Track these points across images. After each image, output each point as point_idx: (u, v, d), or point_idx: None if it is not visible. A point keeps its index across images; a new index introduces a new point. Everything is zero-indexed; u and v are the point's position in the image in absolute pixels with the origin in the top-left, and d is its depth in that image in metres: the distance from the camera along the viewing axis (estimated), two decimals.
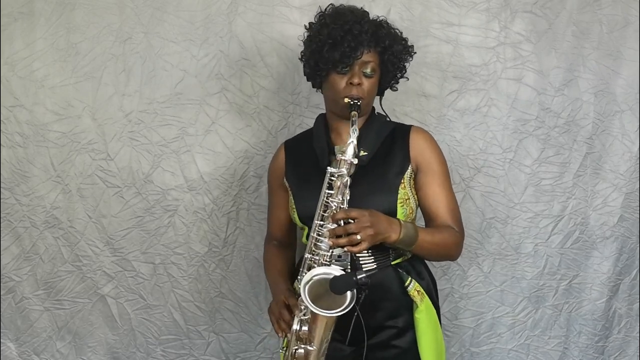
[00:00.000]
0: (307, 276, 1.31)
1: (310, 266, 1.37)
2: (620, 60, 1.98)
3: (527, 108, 1.97)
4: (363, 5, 1.55)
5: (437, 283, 1.61)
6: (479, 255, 2.03)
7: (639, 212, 2.03)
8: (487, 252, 2.03)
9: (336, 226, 1.30)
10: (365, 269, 1.41)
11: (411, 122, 1.81)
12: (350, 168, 1.34)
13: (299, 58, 1.55)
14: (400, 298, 1.47)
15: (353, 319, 1.35)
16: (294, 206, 1.53)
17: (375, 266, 1.45)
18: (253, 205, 1.99)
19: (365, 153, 1.45)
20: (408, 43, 1.51)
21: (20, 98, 1.94)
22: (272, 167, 1.65)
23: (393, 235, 1.33)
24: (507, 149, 1.99)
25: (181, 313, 2.04)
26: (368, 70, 1.43)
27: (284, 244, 1.70)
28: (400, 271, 1.47)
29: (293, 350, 1.38)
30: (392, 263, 1.48)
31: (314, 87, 1.58)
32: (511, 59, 1.96)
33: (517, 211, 2.01)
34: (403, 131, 1.53)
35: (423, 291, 1.48)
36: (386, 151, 1.49)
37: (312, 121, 1.63)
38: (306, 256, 1.38)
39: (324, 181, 1.36)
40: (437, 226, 1.47)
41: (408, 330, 1.48)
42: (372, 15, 1.50)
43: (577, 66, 1.97)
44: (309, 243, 1.38)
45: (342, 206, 1.34)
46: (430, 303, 1.49)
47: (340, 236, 1.29)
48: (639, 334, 2.10)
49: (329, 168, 1.36)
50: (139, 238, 2.00)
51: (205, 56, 1.94)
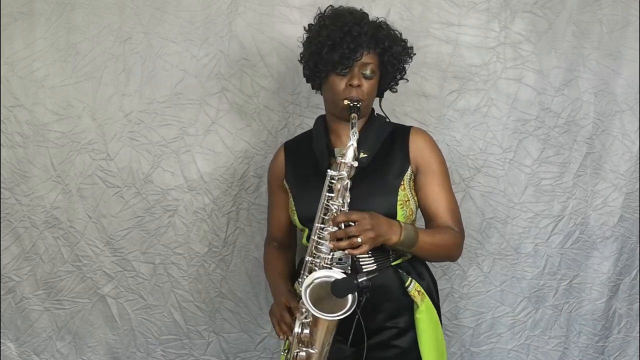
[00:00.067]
0: (309, 279, 1.31)
1: (311, 269, 1.37)
2: (620, 60, 1.98)
3: (527, 108, 1.97)
4: (363, 5, 1.55)
5: (437, 283, 1.61)
6: (479, 255, 2.03)
7: (639, 212, 2.03)
8: (487, 252, 2.03)
9: (337, 229, 1.30)
10: (366, 272, 1.40)
11: (411, 123, 1.81)
12: (350, 171, 1.34)
13: (299, 60, 1.54)
14: (400, 298, 1.47)
15: (354, 321, 1.35)
16: (294, 208, 1.53)
17: (375, 267, 1.45)
18: (253, 205, 1.99)
19: (365, 155, 1.45)
20: (408, 44, 1.50)
21: (20, 98, 1.94)
22: (272, 169, 1.65)
23: (394, 237, 1.33)
24: (507, 149, 1.98)
25: (181, 313, 2.04)
26: (368, 71, 1.42)
27: (284, 245, 1.70)
28: (400, 272, 1.47)
29: (295, 353, 1.38)
30: (392, 264, 1.48)
31: (314, 89, 1.58)
32: (511, 59, 1.96)
33: (517, 211, 2.01)
34: (403, 132, 1.53)
35: (423, 291, 1.48)
36: (386, 152, 1.49)
37: (312, 121, 1.63)
38: (307, 259, 1.38)
39: (324, 184, 1.36)
40: (437, 227, 1.47)
41: (409, 330, 1.48)
42: (372, 15, 1.49)
43: (577, 66, 1.97)
44: (310, 246, 1.38)
45: (343, 209, 1.34)
46: (430, 303, 1.49)
47: (341, 239, 1.28)
48: (639, 334, 2.10)
49: (329, 171, 1.35)
50: (139, 238, 2.00)
51: (205, 56, 1.94)
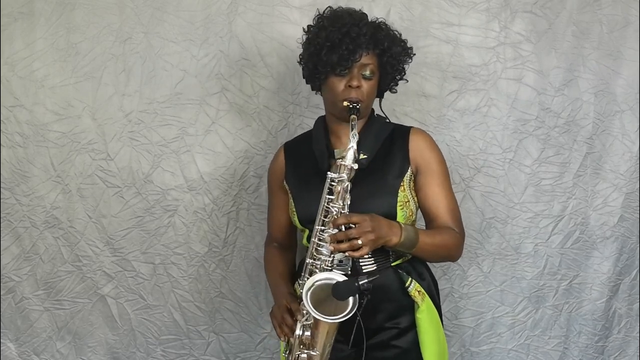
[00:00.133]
0: (309, 282, 1.31)
1: (311, 271, 1.37)
2: (620, 60, 1.98)
3: (527, 108, 1.97)
4: (362, 6, 1.55)
5: (437, 283, 1.61)
6: (479, 255, 2.03)
7: (639, 212, 2.03)
8: (487, 252, 2.03)
9: (337, 231, 1.30)
10: (367, 274, 1.40)
11: (411, 123, 1.81)
12: (350, 173, 1.34)
13: (298, 61, 1.54)
14: (401, 299, 1.47)
15: (355, 323, 1.35)
16: (294, 209, 1.53)
17: (375, 268, 1.45)
18: (253, 205, 1.99)
19: (365, 156, 1.45)
20: (407, 44, 1.50)
21: (20, 98, 1.94)
22: (272, 169, 1.65)
23: (394, 238, 1.32)
24: (507, 149, 1.98)
25: (181, 313, 2.04)
26: (367, 72, 1.42)
27: (285, 246, 1.70)
28: (400, 272, 1.47)
29: (296, 354, 1.38)
30: (393, 264, 1.48)
31: (313, 90, 1.58)
32: (511, 59, 1.96)
33: (517, 211, 2.01)
34: (402, 132, 1.52)
35: (424, 291, 1.48)
36: (385, 153, 1.49)
37: (312, 121, 1.63)
38: (307, 261, 1.38)
39: (325, 186, 1.36)
40: (438, 227, 1.46)
41: (409, 330, 1.48)
42: (372, 16, 1.49)
43: (577, 66, 1.97)
44: (310, 248, 1.38)
45: (343, 211, 1.34)
46: (431, 303, 1.49)
47: (341, 241, 1.28)
48: (639, 334, 2.10)
49: (329, 173, 1.35)
50: (139, 238, 2.00)
51: (205, 56, 1.94)
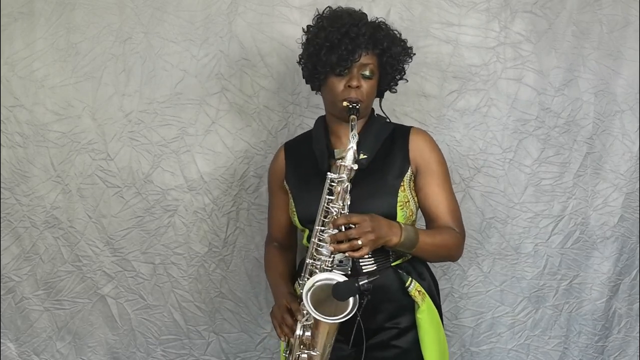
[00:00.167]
0: (309, 282, 1.31)
1: (311, 271, 1.37)
2: (620, 60, 1.98)
3: (527, 108, 1.97)
4: (362, 6, 1.55)
5: (438, 283, 1.60)
6: (479, 255, 2.03)
7: (639, 212, 2.03)
8: (487, 252, 2.03)
9: (337, 232, 1.30)
10: (367, 274, 1.40)
11: (411, 123, 1.81)
12: (350, 174, 1.34)
13: (297, 62, 1.54)
14: (401, 299, 1.47)
15: (355, 324, 1.35)
16: (294, 209, 1.53)
17: (375, 268, 1.45)
18: (253, 205, 1.99)
19: (365, 156, 1.44)
20: (407, 44, 1.50)
21: (20, 98, 1.94)
22: (272, 169, 1.65)
23: (394, 238, 1.32)
24: (507, 149, 1.98)
25: (181, 313, 2.04)
26: (367, 72, 1.42)
27: (285, 246, 1.70)
28: (400, 272, 1.47)
29: (297, 355, 1.38)
30: (393, 264, 1.47)
31: (313, 90, 1.58)
32: (511, 59, 1.96)
33: (517, 211, 2.01)
34: (402, 132, 1.52)
35: (424, 291, 1.48)
36: (386, 153, 1.49)
37: (312, 121, 1.62)
38: (307, 261, 1.38)
39: (324, 187, 1.36)
40: (438, 227, 1.46)
41: (410, 330, 1.48)
42: (372, 16, 1.49)
43: (577, 66, 1.97)
44: (310, 248, 1.38)
45: (343, 212, 1.34)
46: (431, 303, 1.48)
47: (341, 242, 1.28)
48: (639, 334, 2.10)
49: (329, 174, 1.35)
50: (139, 238, 2.00)
51: (205, 56, 1.94)
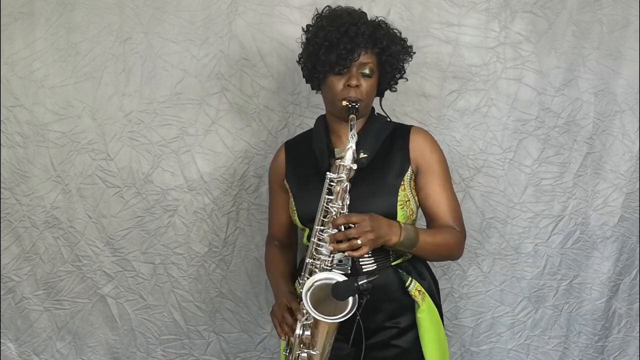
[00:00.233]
0: (309, 282, 1.31)
1: (311, 271, 1.37)
2: (620, 60, 1.98)
3: (527, 108, 1.97)
4: (362, 5, 1.55)
5: (438, 282, 1.60)
6: (479, 255, 2.03)
7: (639, 212, 2.03)
8: (487, 252, 2.03)
9: (337, 231, 1.30)
10: (366, 274, 1.40)
11: (411, 122, 1.80)
12: (349, 173, 1.33)
13: (297, 61, 1.54)
14: (401, 298, 1.47)
15: (355, 323, 1.35)
16: (295, 208, 1.53)
17: (375, 267, 1.45)
18: (253, 205, 1.99)
19: (365, 155, 1.44)
20: (407, 43, 1.50)
21: (20, 98, 1.94)
22: (273, 168, 1.65)
23: (393, 238, 1.32)
24: (507, 149, 1.98)
25: (181, 313, 2.04)
26: (366, 70, 1.42)
27: (285, 245, 1.70)
28: (400, 272, 1.47)
29: (297, 354, 1.38)
30: (393, 264, 1.47)
31: (313, 89, 1.58)
32: (511, 59, 1.96)
33: (517, 211, 2.01)
34: (403, 131, 1.52)
35: (424, 291, 1.48)
36: (386, 152, 1.49)
37: (312, 121, 1.62)
38: (307, 261, 1.38)
39: (324, 187, 1.36)
40: (438, 227, 1.46)
41: (410, 330, 1.48)
42: (372, 15, 1.49)
43: (577, 66, 1.97)
44: (310, 248, 1.38)
45: (342, 211, 1.34)
46: (431, 303, 1.48)
47: (341, 241, 1.28)
48: (639, 334, 2.10)
49: (328, 174, 1.35)
50: (139, 238, 2.00)
51: (205, 56, 1.94)
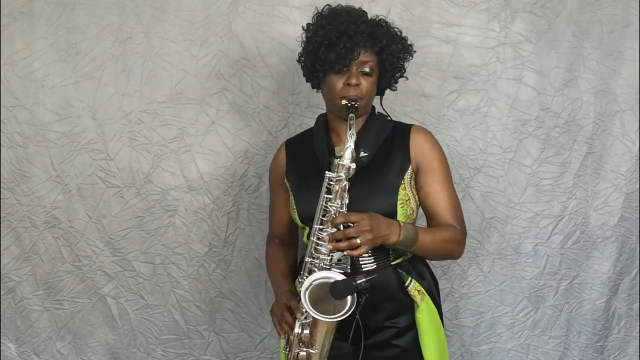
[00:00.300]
0: (307, 281, 1.31)
1: (310, 269, 1.36)
2: (620, 60, 1.98)
3: (527, 108, 1.97)
4: (362, 5, 1.55)
5: (438, 282, 1.60)
6: (479, 255, 2.03)
7: (639, 212, 2.03)
8: (487, 252, 2.03)
9: (335, 230, 1.30)
10: (365, 273, 1.40)
11: (411, 123, 1.81)
12: (348, 172, 1.33)
13: (297, 60, 1.54)
14: (400, 298, 1.47)
15: (354, 322, 1.35)
16: (295, 207, 1.52)
17: (375, 266, 1.45)
18: (253, 205, 1.99)
19: (365, 154, 1.45)
20: (407, 42, 1.50)
21: (20, 98, 1.94)
22: (273, 167, 1.65)
23: (393, 237, 1.32)
24: (507, 149, 1.98)
25: (181, 313, 2.04)
26: (366, 69, 1.42)
27: (286, 243, 1.69)
28: (400, 271, 1.47)
29: (296, 352, 1.38)
30: (392, 263, 1.47)
31: (313, 88, 1.58)
32: (511, 59, 1.96)
33: (517, 211, 2.01)
34: (403, 130, 1.52)
35: (424, 291, 1.48)
36: (386, 151, 1.49)
37: (312, 121, 1.62)
38: (306, 260, 1.38)
39: (323, 186, 1.36)
40: (438, 225, 1.46)
41: (409, 330, 1.48)
42: (372, 15, 1.49)
43: (577, 66, 1.97)
44: (309, 247, 1.38)
45: (341, 210, 1.33)
46: (431, 302, 1.48)
47: (340, 240, 1.28)
48: (639, 334, 2.10)
49: (327, 173, 1.35)
50: (139, 238, 2.00)
51: (205, 56, 1.94)
